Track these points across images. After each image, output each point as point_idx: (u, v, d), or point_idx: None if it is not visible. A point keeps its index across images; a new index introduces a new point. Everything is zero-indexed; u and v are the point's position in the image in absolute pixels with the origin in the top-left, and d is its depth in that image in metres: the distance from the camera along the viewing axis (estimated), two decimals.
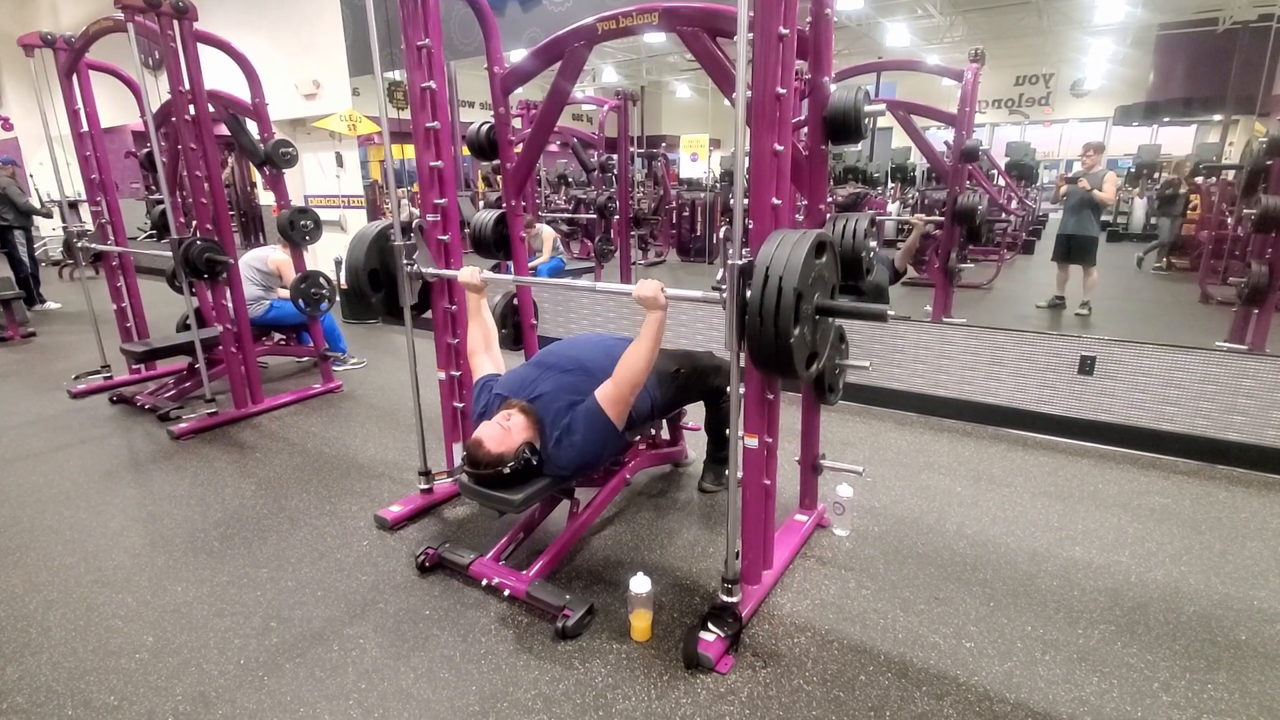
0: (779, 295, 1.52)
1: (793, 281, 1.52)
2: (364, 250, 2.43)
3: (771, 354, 1.59)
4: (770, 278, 1.54)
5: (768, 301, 1.54)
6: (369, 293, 2.44)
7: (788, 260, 1.54)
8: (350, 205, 6.41)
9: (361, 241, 2.44)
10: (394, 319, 2.54)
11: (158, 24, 3.13)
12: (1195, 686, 1.74)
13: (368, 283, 2.43)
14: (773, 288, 1.53)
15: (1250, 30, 5.79)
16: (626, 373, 1.97)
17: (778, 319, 1.53)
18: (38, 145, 9.42)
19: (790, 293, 1.52)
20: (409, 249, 2.38)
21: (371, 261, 2.44)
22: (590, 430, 1.99)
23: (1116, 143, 7.69)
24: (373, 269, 2.44)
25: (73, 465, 3.17)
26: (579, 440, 1.99)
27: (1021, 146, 7.59)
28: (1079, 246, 5.12)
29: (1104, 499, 2.72)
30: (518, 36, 4.74)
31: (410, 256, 2.40)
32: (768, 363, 1.63)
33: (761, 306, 1.55)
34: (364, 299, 2.48)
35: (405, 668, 1.84)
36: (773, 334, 1.55)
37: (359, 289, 2.44)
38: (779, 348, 1.56)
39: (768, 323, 1.55)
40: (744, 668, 1.82)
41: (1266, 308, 3.31)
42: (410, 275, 2.41)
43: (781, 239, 1.59)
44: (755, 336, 1.59)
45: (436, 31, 2.33)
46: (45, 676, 1.83)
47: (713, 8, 1.95)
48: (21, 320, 5.68)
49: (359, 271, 2.42)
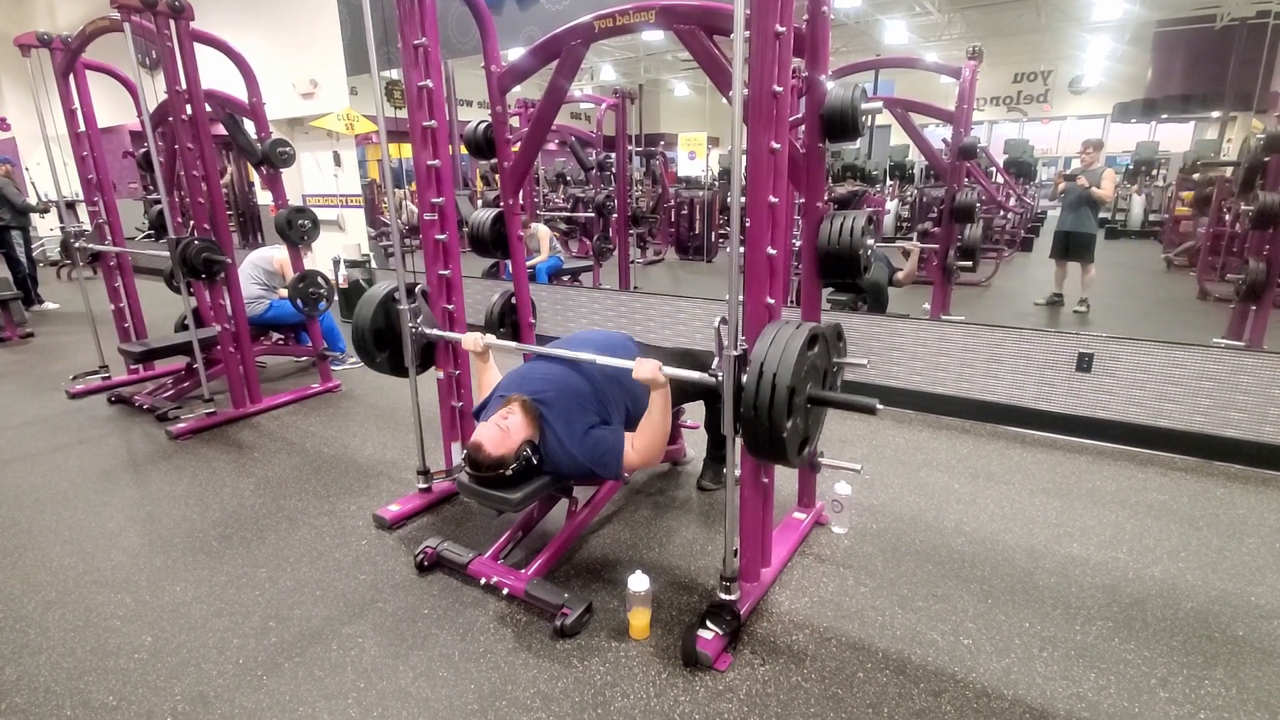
0: (772, 398, 1.59)
1: (785, 386, 1.58)
2: (370, 313, 2.48)
3: (766, 449, 1.65)
4: (764, 378, 1.59)
5: (760, 404, 1.60)
6: (375, 354, 2.51)
7: (781, 358, 1.60)
8: (348, 204, 6.41)
9: (369, 304, 2.49)
10: (401, 376, 2.59)
11: (154, 24, 3.13)
12: (1193, 682, 1.74)
13: (374, 343, 2.49)
14: (765, 390, 1.59)
15: (1248, 27, 5.79)
16: (650, 447, 2.01)
17: (771, 413, 1.59)
18: (35, 145, 9.41)
19: (783, 395, 1.58)
20: (413, 312, 2.43)
21: (377, 322, 2.49)
22: (605, 459, 2.00)
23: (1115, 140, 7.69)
24: (378, 329, 2.50)
25: (71, 466, 3.17)
26: (592, 457, 2.00)
27: (1020, 144, 7.59)
28: (1077, 243, 5.12)
29: (1102, 496, 2.72)
30: (515, 35, 4.74)
31: (415, 319, 2.44)
32: (761, 452, 1.69)
33: (755, 408, 1.60)
34: (370, 358, 2.54)
35: (404, 666, 1.84)
36: (766, 433, 1.61)
37: (365, 349, 2.51)
38: (773, 440, 1.62)
39: (761, 423, 1.61)
40: (742, 665, 1.82)
41: (1264, 304, 3.31)
42: (415, 337, 2.45)
43: (775, 335, 1.64)
44: (750, 433, 1.65)
45: (433, 30, 2.33)
46: (44, 677, 1.83)
47: (710, 6, 1.95)
48: (19, 321, 5.67)
49: (366, 333, 2.48)
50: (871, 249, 2.08)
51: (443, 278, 2.58)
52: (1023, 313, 5.33)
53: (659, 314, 4.46)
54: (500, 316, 2.87)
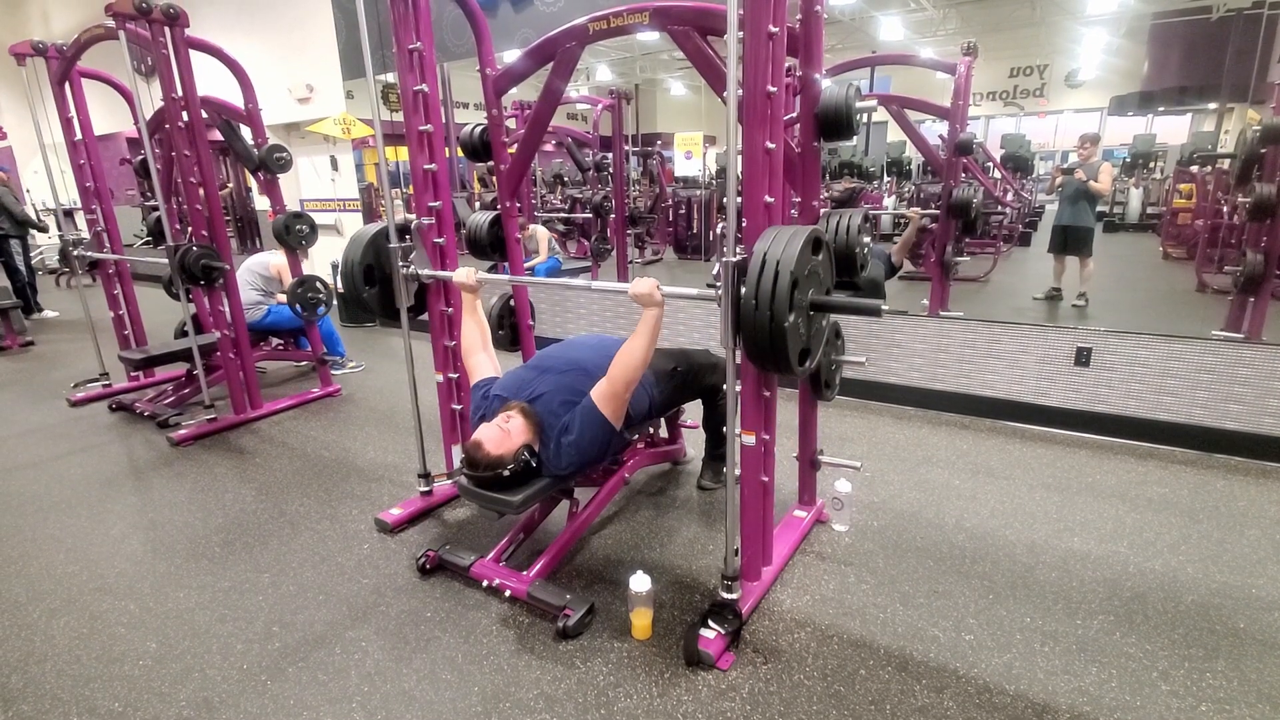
0: (774, 286, 1.52)
1: (788, 272, 1.52)
2: (360, 250, 2.43)
3: (766, 347, 1.58)
4: (765, 269, 1.54)
5: (763, 293, 1.53)
6: (362, 288, 2.43)
7: (783, 253, 1.54)
8: (346, 209, 6.41)
9: (358, 242, 2.44)
10: (390, 320, 2.54)
11: (149, 31, 3.13)
12: (1194, 675, 1.75)
13: (362, 279, 2.42)
14: (768, 279, 1.53)
15: (1244, 18, 5.78)
16: (621, 370, 1.98)
17: (773, 309, 1.53)
18: (32, 154, 9.41)
19: (785, 284, 1.52)
20: (405, 251, 2.38)
21: (367, 259, 2.44)
22: (587, 429, 2.00)
23: (1112, 133, 7.68)
24: (368, 265, 2.44)
25: (73, 473, 3.17)
26: (576, 440, 2.00)
27: (1017, 138, 7.58)
28: (1075, 238, 5.12)
29: (1102, 490, 2.73)
30: (510, 37, 4.74)
31: (406, 258, 2.40)
32: (762, 356, 1.62)
33: (757, 298, 1.54)
34: (359, 300, 2.47)
35: (407, 670, 1.84)
36: (767, 326, 1.54)
37: (354, 287, 2.44)
38: (773, 340, 1.56)
39: (762, 314, 1.54)
40: (745, 664, 1.83)
41: (1262, 295, 3.31)
42: (406, 277, 2.42)
43: (776, 234, 1.60)
44: (750, 329, 1.59)
45: (428, 34, 2.33)
46: (50, 684, 1.84)
47: (703, 6, 1.95)
48: (19, 329, 5.68)
49: (354, 268, 2.41)
50: (868, 247, 2.08)
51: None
52: (1021, 308, 5.33)
53: None
54: (499, 319, 2.87)
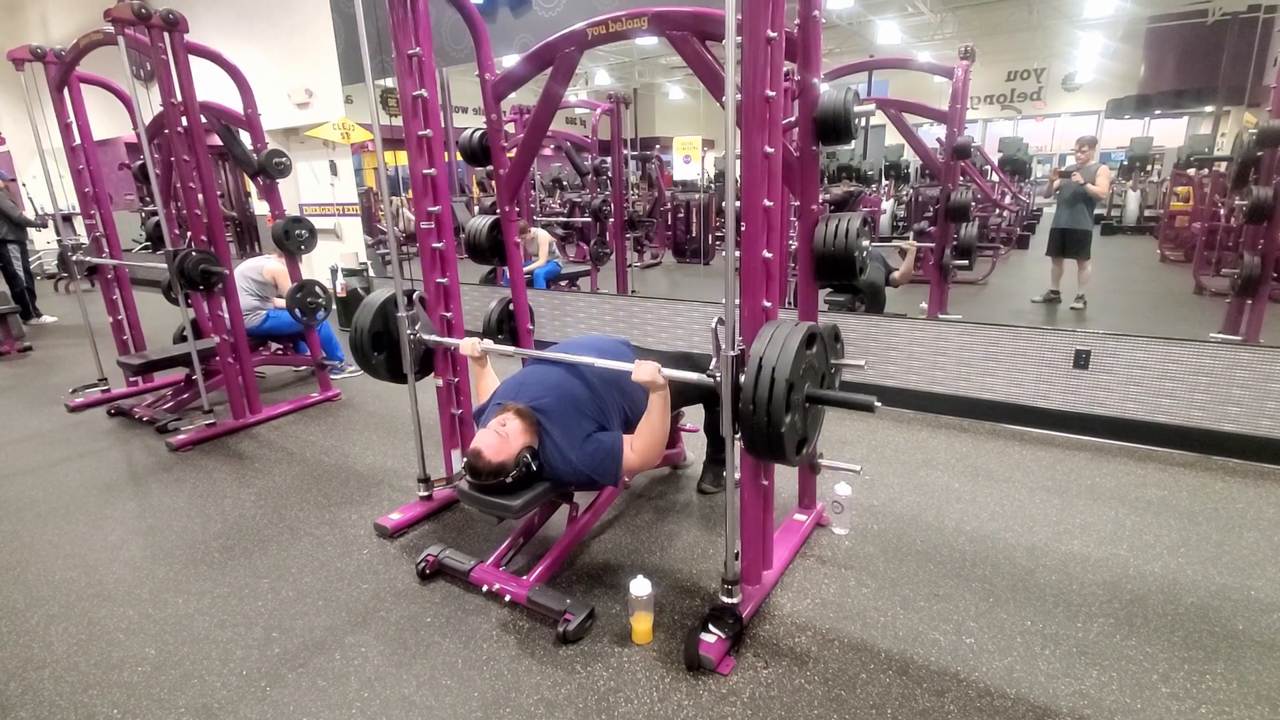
0: (770, 393, 1.58)
1: (784, 381, 1.58)
2: (370, 317, 2.50)
3: (765, 446, 1.64)
4: (762, 374, 1.60)
5: (759, 399, 1.60)
6: (371, 354, 2.52)
7: (779, 355, 1.59)
8: (345, 213, 6.41)
9: (368, 309, 2.51)
10: (399, 382, 2.59)
11: (148, 36, 3.14)
12: (1194, 677, 1.75)
13: (371, 345, 2.51)
14: (764, 386, 1.59)
15: (1239, 21, 5.80)
16: (649, 449, 2.01)
17: (769, 413, 1.59)
18: (30, 159, 9.41)
19: (781, 390, 1.58)
20: (411, 319, 2.43)
21: (376, 325, 2.51)
22: (604, 465, 2.01)
23: (1109, 136, 7.71)
24: (376, 332, 2.52)
25: (72, 479, 3.17)
26: (590, 464, 2.00)
27: (1014, 142, 7.61)
28: (1073, 240, 5.14)
29: (1101, 492, 2.73)
30: (509, 42, 4.75)
31: (413, 326, 2.44)
32: (760, 453, 1.68)
33: (754, 403, 1.60)
34: (370, 365, 2.56)
35: (407, 675, 1.84)
36: (764, 429, 1.61)
37: (364, 354, 2.53)
38: (771, 441, 1.62)
39: (759, 419, 1.60)
40: (745, 669, 1.83)
41: (1260, 298, 3.32)
42: (413, 344, 2.46)
43: (773, 334, 1.64)
44: (749, 430, 1.64)
45: (427, 39, 2.34)
46: (48, 691, 1.83)
47: (701, 11, 1.96)
48: (17, 335, 5.67)
49: (364, 335, 2.50)
50: (867, 250, 2.09)
51: (440, 285, 2.59)
52: (1020, 310, 5.34)
53: (657, 317, 4.47)
54: (498, 323, 2.87)
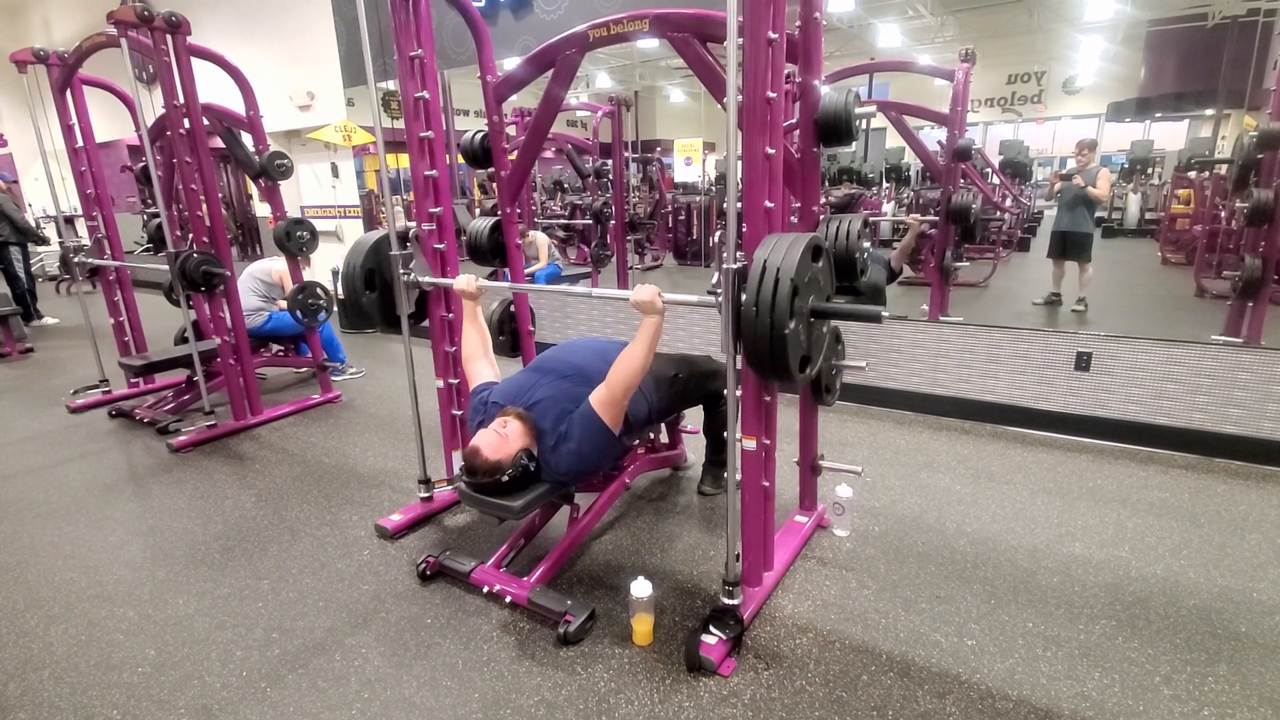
0: (774, 293, 1.52)
1: (788, 279, 1.53)
2: (361, 255, 2.44)
3: (766, 354, 1.58)
4: (766, 276, 1.54)
5: (763, 300, 1.54)
6: (362, 292, 2.43)
7: (784, 260, 1.55)
8: (346, 215, 6.42)
9: (360, 248, 2.46)
10: (391, 328, 2.55)
11: (151, 39, 3.15)
12: (1196, 679, 1.74)
13: (362, 283, 2.43)
14: (768, 286, 1.53)
15: (1239, 25, 5.81)
16: (620, 375, 1.98)
17: (773, 316, 1.53)
18: (32, 161, 9.44)
19: (785, 291, 1.52)
20: (405, 258, 2.39)
21: (369, 263, 2.45)
22: (586, 435, 2.00)
23: (1109, 139, 7.71)
24: (369, 269, 2.45)
25: (73, 480, 3.17)
26: (575, 446, 2.00)
27: (1015, 144, 7.61)
28: (1074, 243, 5.13)
29: (1103, 494, 2.73)
30: (510, 44, 4.76)
31: (407, 266, 2.40)
32: (762, 363, 1.62)
33: (757, 305, 1.54)
34: (359, 305, 2.48)
35: (408, 676, 1.84)
36: (768, 333, 1.54)
37: (354, 291, 2.44)
38: (774, 347, 1.56)
39: (763, 321, 1.54)
40: (746, 670, 1.82)
41: (1261, 300, 3.32)
42: (407, 285, 2.42)
43: (777, 241, 1.60)
44: (751, 336, 1.59)
45: (429, 42, 2.34)
46: (48, 692, 1.83)
47: (702, 13, 1.97)
48: (19, 336, 5.68)
49: (355, 271, 2.42)
50: (868, 252, 2.09)
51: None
52: (1021, 313, 5.34)
53: None
54: (499, 324, 2.87)
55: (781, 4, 1.62)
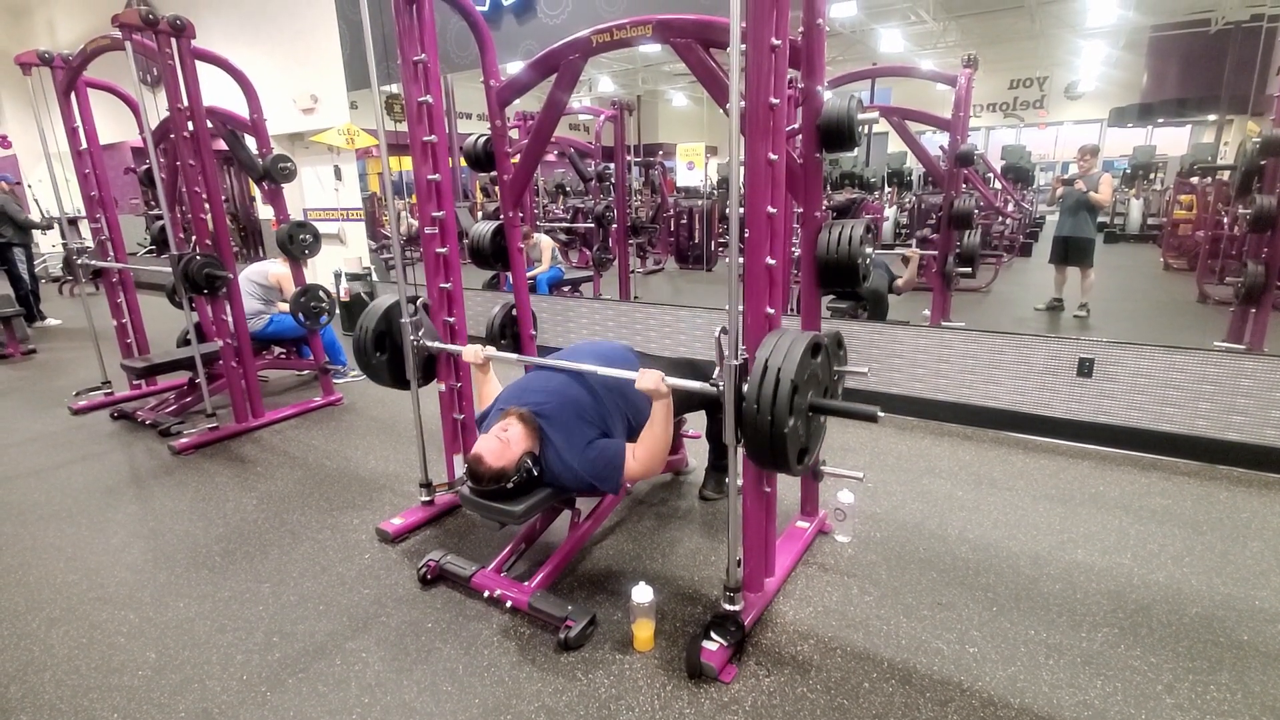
0: (775, 393, 1.57)
1: (788, 380, 1.57)
2: (374, 319, 2.51)
3: (766, 449, 1.63)
4: (767, 376, 1.59)
5: (764, 398, 1.59)
6: (373, 354, 2.52)
7: (784, 361, 1.59)
8: (349, 218, 6.44)
9: (373, 313, 2.52)
10: (401, 389, 2.60)
11: (156, 42, 3.16)
12: (1199, 688, 1.73)
13: (373, 346, 2.51)
14: (769, 385, 1.58)
15: (1242, 30, 5.80)
16: (652, 457, 2.01)
17: (774, 413, 1.58)
18: (36, 162, 9.47)
19: (785, 390, 1.57)
20: (415, 325, 2.44)
21: (380, 327, 2.52)
22: (603, 472, 2.00)
23: (1112, 144, 7.71)
24: (380, 332, 2.53)
25: (74, 482, 3.17)
26: (592, 470, 2.00)
27: (1017, 149, 7.60)
28: (1076, 248, 5.13)
29: (1105, 501, 2.72)
30: (514, 49, 4.77)
31: (416, 332, 2.45)
32: (762, 456, 1.67)
33: (758, 402, 1.59)
34: (373, 371, 2.55)
35: (408, 681, 1.84)
36: (767, 429, 1.59)
37: (366, 354, 2.52)
38: (774, 444, 1.61)
39: (763, 418, 1.59)
40: (747, 677, 1.82)
41: (1263, 306, 3.31)
42: (416, 350, 2.47)
43: (778, 341, 1.64)
44: (751, 432, 1.63)
45: (432, 46, 2.35)
46: (49, 695, 1.83)
47: (705, 20, 1.97)
48: (22, 337, 5.69)
49: (368, 335, 2.50)
50: (870, 257, 2.09)
51: (444, 290, 2.60)
52: (1023, 318, 5.33)
53: (659, 324, 4.47)
54: (501, 328, 2.87)
55: (784, 10, 1.63)
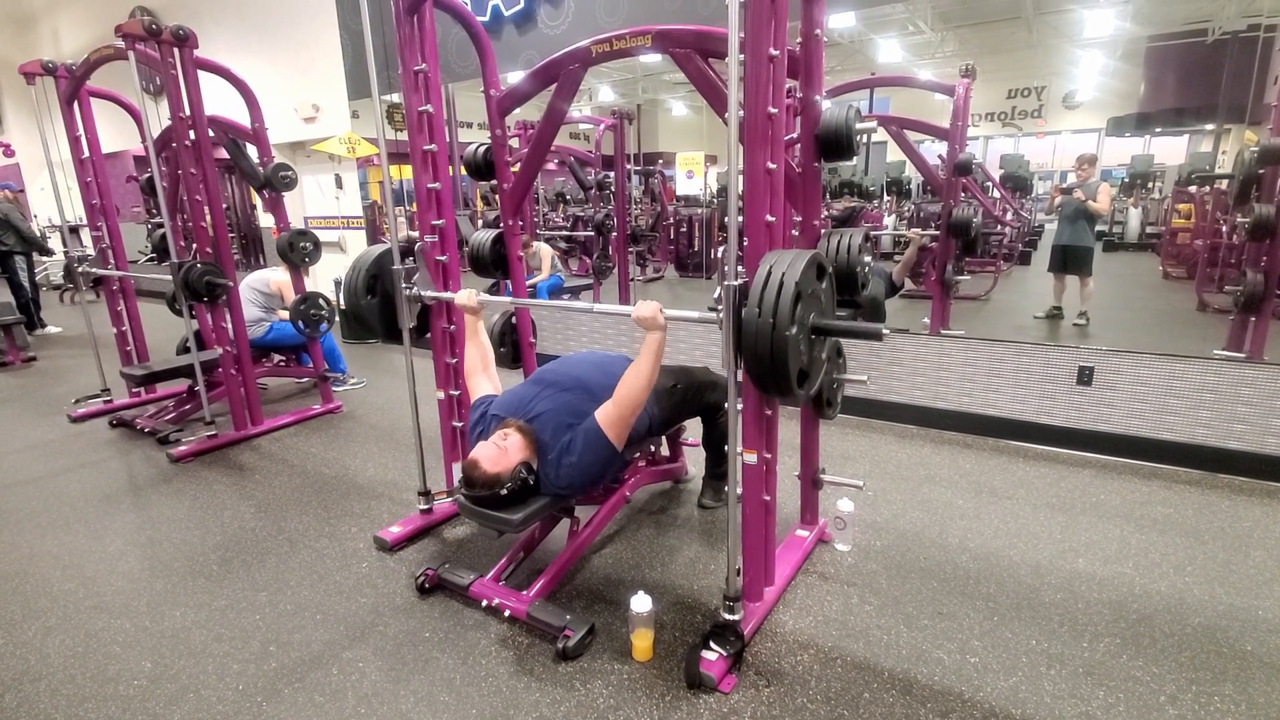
0: (778, 297, 1.53)
1: (792, 284, 1.53)
2: (365, 264, 2.48)
3: (767, 360, 1.58)
4: (770, 281, 1.55)
5: (766, 303, 1.54)
6: (363, 296, 2.45)
7: (788, 269, 1.56)
8: (350, 226, 6.46)
9: (364, 258, 2.49)
10: (393, 340, 2.55)
11: (158, 52, 3.17)
12: (1202, 699, 1.72)
13: (364, 288, 2.46)
14: (772, 290, 1.54)
15: (1239, 40, 5.84)
16: (627, 393, 1.98)
17: (775, 318, 1.53)
18: (39, 170, 9.50)
19: (789, 295, 1.53)
20: (409, 272, 2.40)
21: (371, 270, 2.47)
22: (590, 451, 2.00)
23: (1110, 153, 7.74)
24: (372, 275, 2.47)
25: (72, 490, 3.16)
26: (578, 460, 1.99)
27: (1015, 158, 7.64)
28: (1075, 257, 5.14)
29: (1106, 510, 2.71)
30: (514, 59, 4.80)
31: (410, 280, 2.42)
32: (763, 372, 1.62)
33: (760, 307, 1.55)
34: (360, 311, 2.50)
35: (405, 691, 1.82)
36: (769, 336, 1.55)
37: (355, 296, 2.47)
38: (774, 354, 1.56)
39: (764, 324, 1.54)
40: (747, 687, 1.81)
41: (1263, 315, 3.31)
42: (409, 298, 2.43)
43: (781, 254, 1.61)
44: (752, 343, 1.59)
45: (433, 56, 2.36)
46: (44, 704, 1.82)
47: (704, 30, 1.98)
48: (22, 345, 5.69)
49: (358, 276, 2.45)
50: (869, 265, 2.09)
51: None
52: (1022, 326, 5.33)
53: None
54: (500, 336, 2.87)
55: (783, 21, 1.63)
